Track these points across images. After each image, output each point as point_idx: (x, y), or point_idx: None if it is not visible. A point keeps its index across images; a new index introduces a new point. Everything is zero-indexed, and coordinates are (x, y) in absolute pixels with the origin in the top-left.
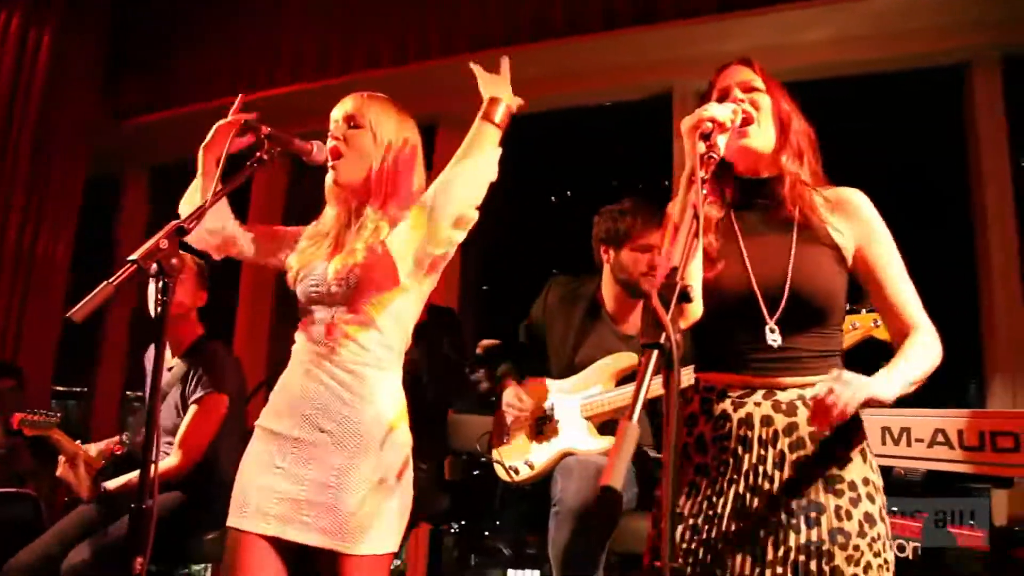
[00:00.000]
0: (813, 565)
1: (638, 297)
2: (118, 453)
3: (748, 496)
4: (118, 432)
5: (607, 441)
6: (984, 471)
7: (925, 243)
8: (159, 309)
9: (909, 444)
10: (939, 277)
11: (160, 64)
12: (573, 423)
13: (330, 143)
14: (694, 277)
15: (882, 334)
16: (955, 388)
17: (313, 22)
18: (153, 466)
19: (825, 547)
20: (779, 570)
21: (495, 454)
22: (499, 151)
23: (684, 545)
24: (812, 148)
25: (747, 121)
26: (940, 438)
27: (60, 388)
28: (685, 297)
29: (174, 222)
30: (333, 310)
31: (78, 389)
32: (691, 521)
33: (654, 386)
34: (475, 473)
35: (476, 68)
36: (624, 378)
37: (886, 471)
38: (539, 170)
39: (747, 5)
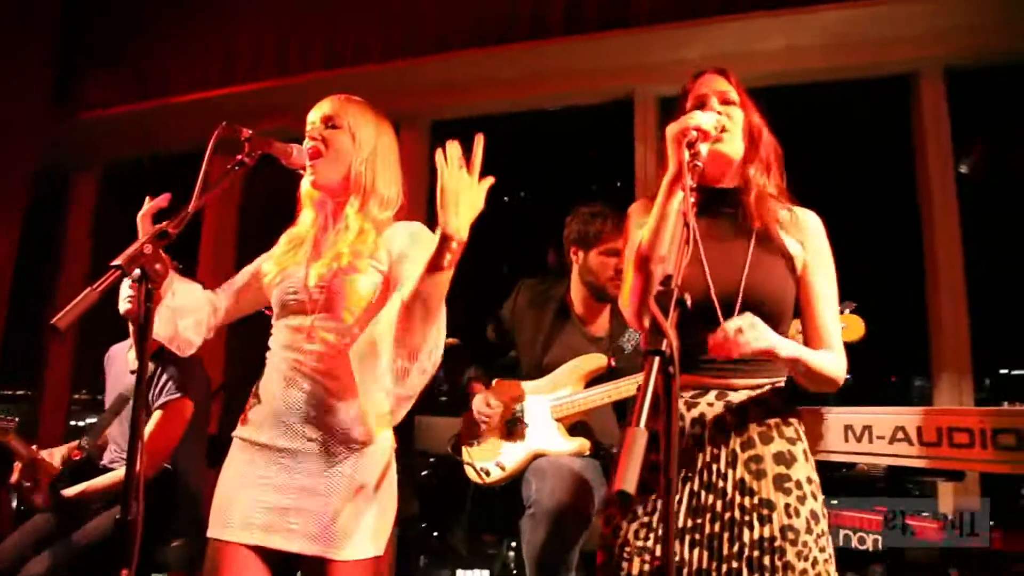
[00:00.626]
0: (767, 560)
1: (603, 301)
2: (76, 459)
3: (703, 493)
4: (65, 436)
5: (577, 442)
6: (942, 465)
7: (874, 247)
8: (142, 315)
9: (871, 441)
10: (887, 280)
11: (114, 59)
12: (544, 425)
13: (308, 143)
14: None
15: (846, 335)
16: (904, 386)
17: (272, 20)
18: (137, 475)
19: (777, 543)
20: (734, 564)
21: (465, 455)
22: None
23: (639, 542)
24: (779, 163)
25: (722, 131)
26: (900, 435)
27: (5, 391)
28: (683, 304)
29: (157, 226)
30: (312, 317)
31: (21, 392)
32: (645, 519)
33: (624, 390)
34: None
35: (442, 160)
36: (593, 380)
37: (850, 466)
38: (496, 171)
39: (706, 13)
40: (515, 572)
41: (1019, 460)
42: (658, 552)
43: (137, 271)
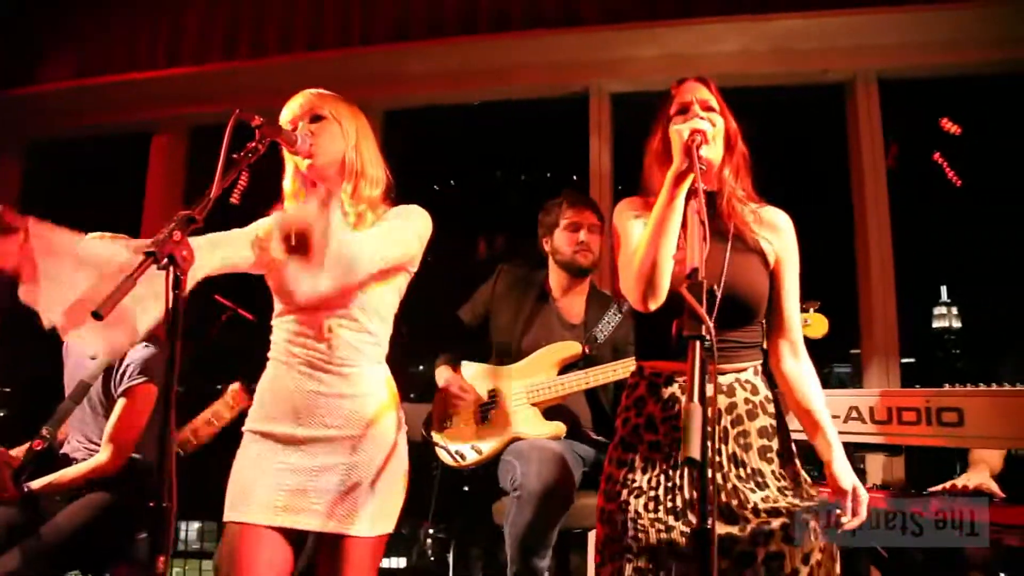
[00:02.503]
0: (774, 521)
1: (576, 273)
2: (38, 448)
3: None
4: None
5: (553, 426)
6: (893, 441)
7: (810, 238)
8: (170, 301)
9: (846, 421)
10: (822, 270)
11: (51, 34)
12: (520, 409)
13: (302, 140)
14: (666, 274)
15: (810, 332)
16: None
17: (226, 2)
18: (168, 461)
19: (780, 504)
20: (751, 519)
21: (438, 439)
22: None
23: (649, 515)
24: (747, 167)
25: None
26: (854, 414)
27: None
28: (712, 293)
29: (183, 212)
30: (322, 311)
31: None
32: (652, 493)
33: (599, 377)
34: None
35: None
36: (567, 366)
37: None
38: (444, 160)
39: (664, 15)
40: (432, 559)
41: (959, 435)
42: (671, 522)
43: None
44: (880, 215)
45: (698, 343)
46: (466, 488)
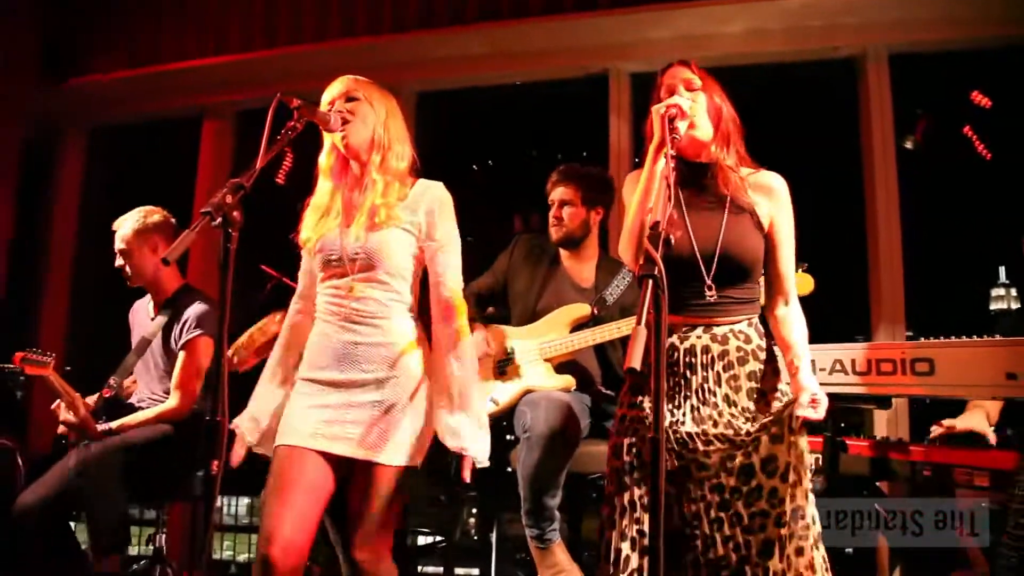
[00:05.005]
0: (764, 438)
1: (568, 247)
2: (107, 396)
3: (700, 407)
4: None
5: (564, 379)
6: (873, 391)
7: (821, 212)
8: (223, 258)
9: (814, 372)
10: (834, 242)
11: (105, 26)
12: (534, 364)
13: (335, 117)
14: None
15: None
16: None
17: None
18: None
19: (768, 432)
20: (749, 446)
21: None
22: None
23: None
24: (738, 133)
25: (691, 122)
26: (838, 366)
27: None
28: (668, 242)
29: (234, 180)
30: (352, 276)
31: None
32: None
33: (606, 334)
34: None
35: None
36: (577, 326)
37: None
38: (474, 140)
39: None
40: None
41: (931, 384)
42: (679, 447)
43: (219, 219)
44: (889, 191)
45: (650, 281)
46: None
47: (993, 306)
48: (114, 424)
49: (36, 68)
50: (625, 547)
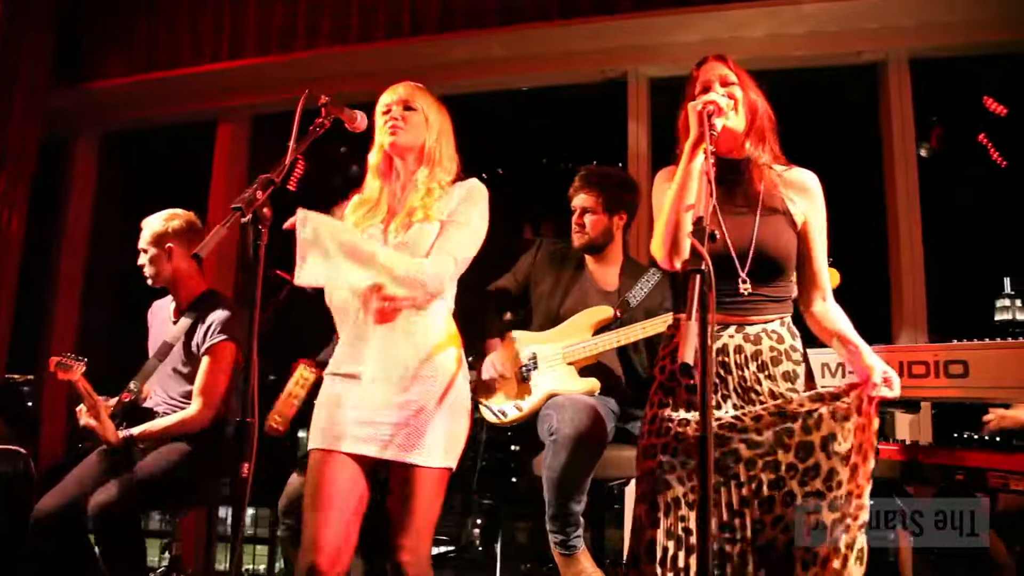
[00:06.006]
0: (827, 415)
1: (591, 252)
2: (126, 400)
3: (743, 405)
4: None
5: (588, 382)
6: (905, 394)
7: (841, 217)
8: (251, 255)
9: (844, 376)
10: (853, 247)
11: (118, 29)
12: (557, 368)
13: (390, 122)
14: (686, 228)
15: None
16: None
17: None
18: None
19: (830, 408)
20: (808, 419)
21: (482, 400)
22: None
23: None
24: (772, 130)
25: (730, 108)
26: None
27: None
28: (712, 237)
29: (264, 175)
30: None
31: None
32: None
33: (630, 336)
34: None
35: None
36: (600, 329)
37: None
38: (492, 144)
39: (698, 2)
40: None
41: (966, 386)
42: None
43: (249, 215)
44: (911, 197)
45: (698, 276)
46: (514, 447)
47: (998, 316)
48: (135, 431)
49: (51, 70)
50: (671, 546)
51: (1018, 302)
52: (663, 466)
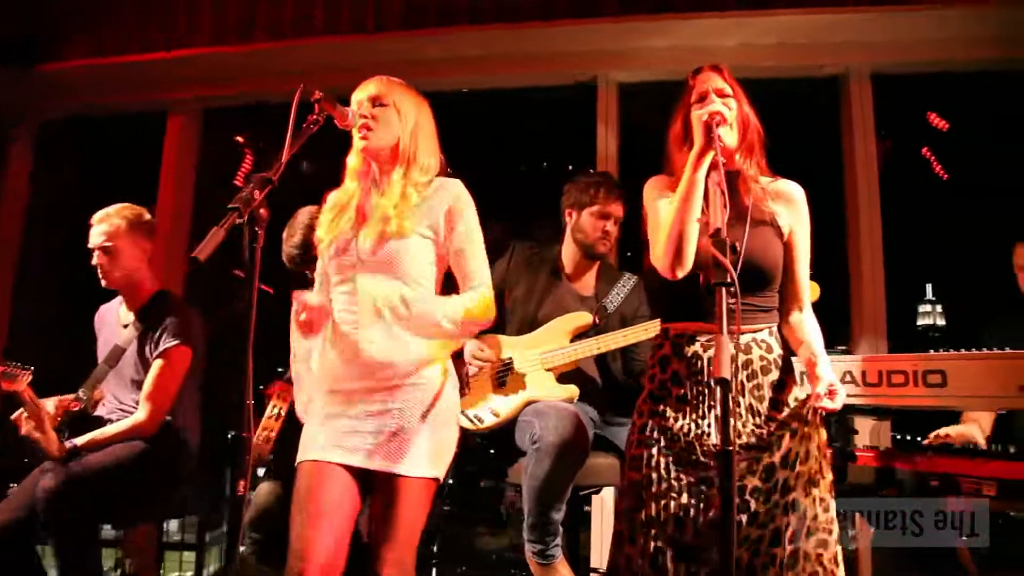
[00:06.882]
0: (786, 436)
1: (592, 259)
2: (74, 410)
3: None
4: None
5: (567, 389)
6: (882, 403)
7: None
8: (248, 256)
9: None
10: (816, 254)
11: (66, 12)
12: (535, 374)
13: (359, 120)
14: (691, 244)
15: None
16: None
17: None
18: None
19: (788, 429)
20: (773, 446)
21: None
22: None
23: (692, 456)
24: (760, 143)
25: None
26: (848, 377)
27: None
28: (734, 249)
29: (261, 174)
30: (368, 278)
31: None
32: (684, 440)
33: (609, 343)
34: None
35: None
36: (578, 335)
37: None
38: (457, 145)
39: (673, 9)
40: None
41: (943, 395)
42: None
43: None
44: (872, 208)
45: (724, 289)
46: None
47: (920, 322)
48: (80, 441)
49: None
50: (651, 561)
51: (939, 308)
52: (650, 479)
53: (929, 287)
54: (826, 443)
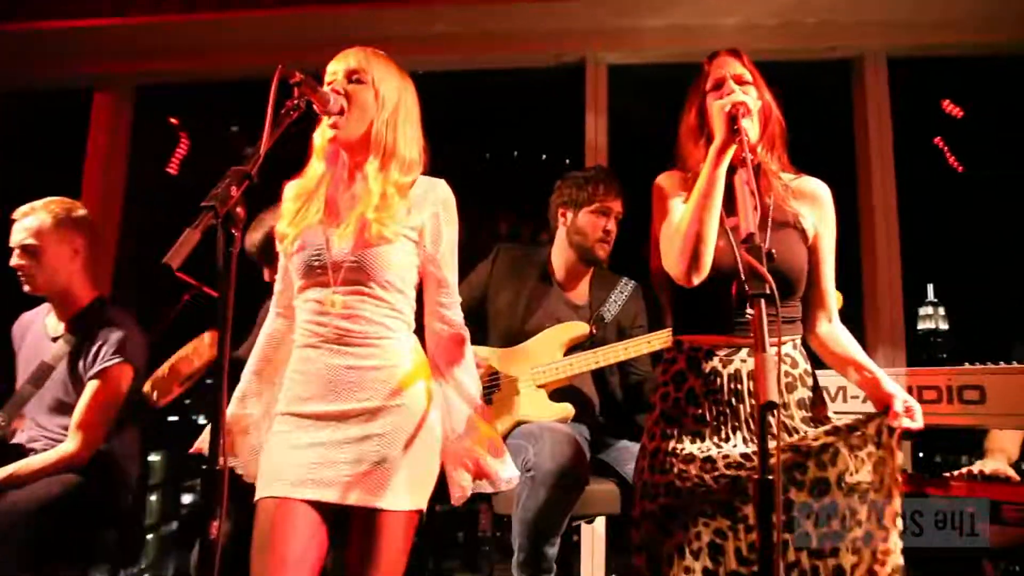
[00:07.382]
0: (843, 450)
1: (589, 263)
2: None
3: (752, 439)
4: None
5: (561, 408)
6: None
7: None
8: (223, 262)
9: (845, 400)
10: None
11: None
12: (526, 392)
13: (332, 98)
14: (710, 248)
15: None
16: None
17: None
18: (221, 427)
19: (846, 442)
20: (822, 454)
21: None
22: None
23: (709, 478)
24: (782, 136)
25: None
26: None
27: None
28: (771, 256)
29: (238, 168)
30: (340, 286)
31: None
32: (709, 461)
33: (609, 357)
34: None
35: None
36: (573, 347)
37: None
38: (444, 127)
39: None
40: None
41: (981, 413)
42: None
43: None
44: (888, 206)
45: (763, 301)
46: None
47: (920, 326)
48: (1, 475)
49: None
50: None
51: (941, 310)
52: (666, 509)
53: (931, 288)
54: (900, 467)
